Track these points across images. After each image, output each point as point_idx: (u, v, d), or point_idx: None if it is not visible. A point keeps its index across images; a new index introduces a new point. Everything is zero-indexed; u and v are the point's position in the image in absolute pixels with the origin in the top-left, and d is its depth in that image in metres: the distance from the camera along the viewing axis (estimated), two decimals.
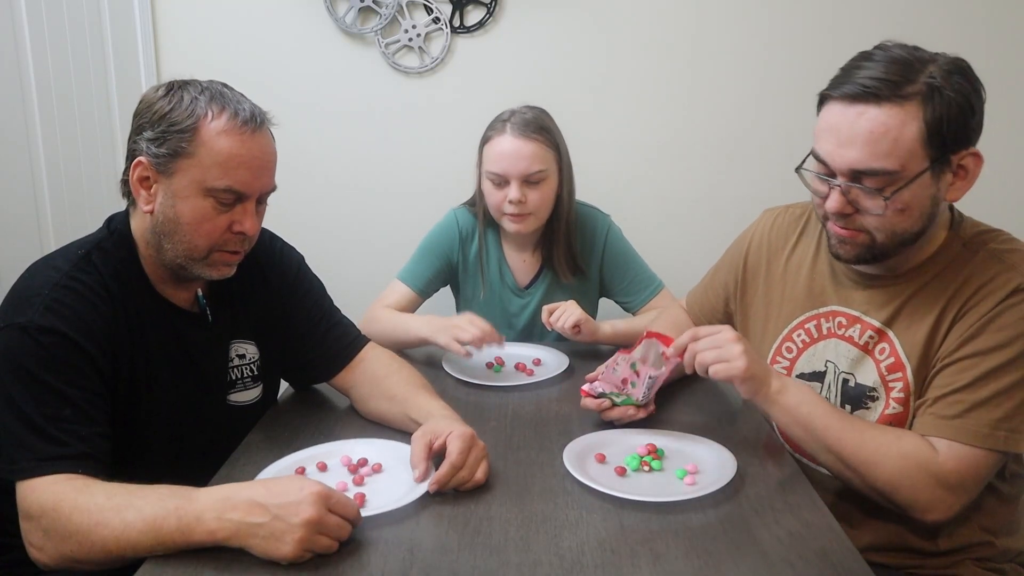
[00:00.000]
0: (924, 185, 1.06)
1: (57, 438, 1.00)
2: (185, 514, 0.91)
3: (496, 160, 1.66)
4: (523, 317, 1.83)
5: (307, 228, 1.94)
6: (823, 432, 1.10)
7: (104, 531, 0.92)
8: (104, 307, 1.10)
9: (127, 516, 0.92)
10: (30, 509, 0.97)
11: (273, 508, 0.90)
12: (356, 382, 1.36)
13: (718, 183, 2.35)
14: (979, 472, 1.06)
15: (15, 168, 2.10)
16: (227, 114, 1.10)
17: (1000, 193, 2.27)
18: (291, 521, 0.89)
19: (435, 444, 1.10)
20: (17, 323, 1.04)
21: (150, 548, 0.92)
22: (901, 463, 1.06)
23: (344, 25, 2.25)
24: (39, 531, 0.96)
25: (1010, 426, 1.04)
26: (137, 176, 1.13)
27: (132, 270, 1.16)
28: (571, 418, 1.35)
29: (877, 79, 1.02)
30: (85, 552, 0.94)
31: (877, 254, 1.12)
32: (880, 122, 1.02)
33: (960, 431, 1.05)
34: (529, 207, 1.67)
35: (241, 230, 1.15)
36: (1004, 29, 2.24)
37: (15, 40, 2.02)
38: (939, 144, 1.03)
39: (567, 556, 0.93)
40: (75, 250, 1.14)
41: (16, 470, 0.99)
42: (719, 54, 2.28)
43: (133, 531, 0.92)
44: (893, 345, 1.16)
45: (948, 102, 1.02)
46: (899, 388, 1.15)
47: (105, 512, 0.93)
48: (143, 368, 1.15)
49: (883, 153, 1.03)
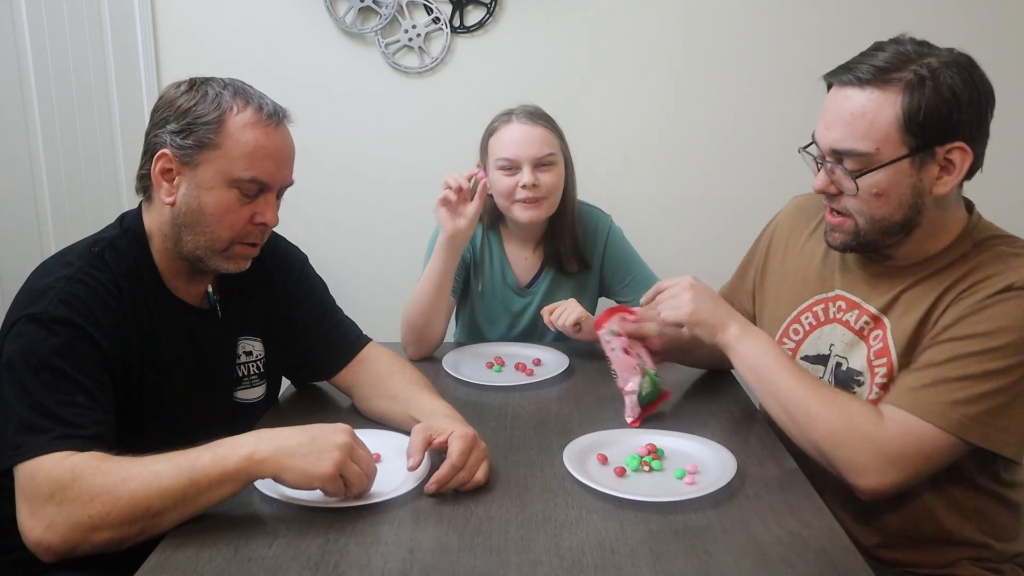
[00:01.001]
0: (902, 172, 1.07)
1: (70, 420, 1.00)
2: (219, 447, 0.96)
3: (507, 146, 1.66)
4: (525, 316, 1.83)
5: (308, 227, 1.94)
6: (775, 382, 1.14)
7: (133, 483, 0.93)
8: (115, 304, 1.11)
9: (157, 467, 0.94)
10: (40, 487, 0.94)
11: (309, 432, 0.99)
12: (358, 381, 1.37)
13: (718, 182, 2.35)
14: (923, 448, 1.03)
15: (15, 168, 2.10)
16: (252, 108, 1.13)
17: (1001, 193, 2.27)
18: (328, 441, 0.97)
19: (435, 440, 1.10)
20: (31, 314, 1.04)
21: (183, 491, 0.93)
22: (843, 422, 1.07)
23: (344, 25, 2.25)
24: (51, 505, 0.93)
25: (967, 412, 1.02)
26: (160, 168, 1.13)
27: (144, 267, 1.17)
28: (571, 418, 1.35)
29: (870, 66, 1.05)
30: (107, 511, 0.92)
31: (863, 242, 1.14)
32: (859, 104, 1.06)
33: (915, 403, 1.04)
34: (542, 190, 1.67)
35: (263, 221, 1.17)
36: (1004, 29, 2.24)
37: (15, 40, 2.02)
38: (918, 133, 1.04)
39: (567, 556, 0.92)
40: (88, 247, 1.15)
41: (23, 452, 0.97)
42: (718, 53, 2.28)
43: (165, 477, 0.93)
44: (885, 331, 1.16)
45: (933, 92, 1.02)
46: (883, 374, 1.15)
47: (133, 468, 0.94)
48: (153, 364, 1.16)
49: (859, 135, 1.06)
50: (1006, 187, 2.25)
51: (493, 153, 1.69)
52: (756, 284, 1.44)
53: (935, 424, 1.03)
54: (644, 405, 1.33)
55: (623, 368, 1.33)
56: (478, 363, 1.63)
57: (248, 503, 1.04)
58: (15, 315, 1.06)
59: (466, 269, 1.82)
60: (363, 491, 1.02)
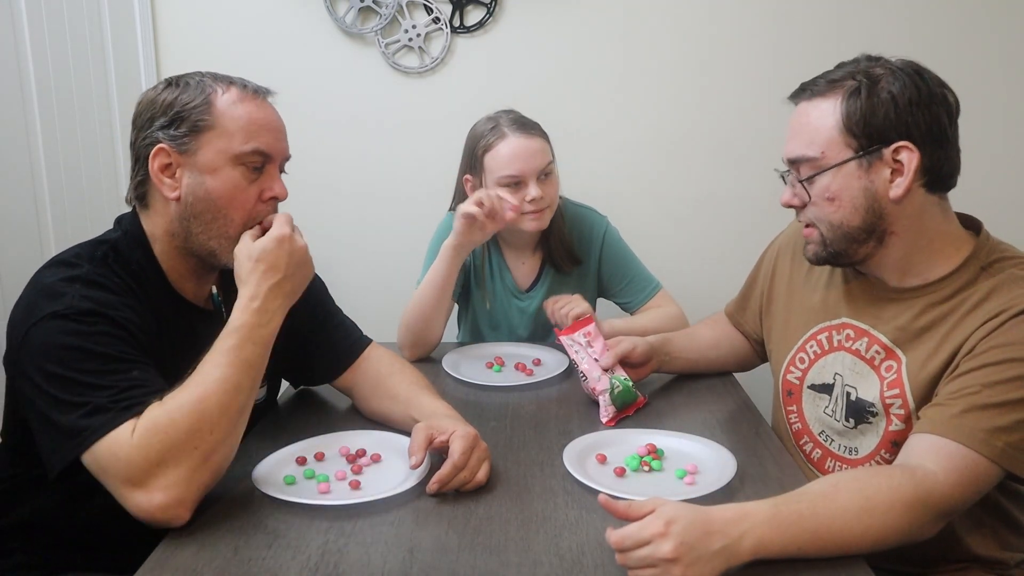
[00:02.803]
0: (850, 175, 1.10)
1: (131, 394, 0.96)
2: (233, 321, 1.05)
3: (509, 163, 1.64)
4: (526, 319, 1.83)
5: (306, 228, 1.93)
6: (816, 541, 0.91)
7: (212, 399, 0.97)
8: (131, 302, 1.09)
9: (213, 374, 0.99)
10: (132, 457, 0.91)
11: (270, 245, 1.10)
12: (358, 381, 1.36)
13: (718, 184, 2.35)
14: (979, 487, 0.99)
15: (15, 168, 2.10)
16: (236, 87, 1.14)
17: (1000, 193, 2.27)
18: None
19: (436, 439, 1.10)
20: (54, 312, 0.99)
21: (248, 371, 1.02)
22: (902, 511, 0.94)
23: (344, 25, 2.25)
24: (155, 468, 0.92)
25: (1010, 440, 0.98)
26: (159, 165, 1.11)
27: (149, 269, 1.15)
28: (571, 418, 1.35)
29: (822, 81, 1.11)
30: (212, 429, 0.96)
31: (833, 251, 1.15)
32: (804, 112, 1.13)
33: (957, 430, 0.99)
34: (547, 200, 1.66)
35: (272, 195, 1.16)
36: (1006, 30, 2.24)
37: (15, 40, 2.02)
38: (859, 134, 1.07)
39: (567, 556, 0.93)
40: (91, 252, 1.12)
41: (89, 434, 0.93)
42: (718, 53, 2.28)
43: (228, 381, 0.99)
44: (900, 365, 1.14)
45: (872, 95, 1.06)
46: (898, 405, 1.13)
47: (193, 391, 0.97)
48: (163, 364, 1.13)
49: (806, 141, 1.12)
50: (1007, 187, 2.26)
51: (494, 171, 1.66)
52: (763, 308, 1.43)
53: (978, 451, 0.98)
54: (619, 407, 1.34)
55: (591, 370, 1.35)
56: (478, 363, 1.63)
57: (248, 503, 1.04)
58: (29, 320, 1.00)
59: (466, 274, 1.82)
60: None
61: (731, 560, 0.87)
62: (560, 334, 1.43)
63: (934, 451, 0.99)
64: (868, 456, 1.19)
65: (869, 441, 1.18)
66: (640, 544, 0.85)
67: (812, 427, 1.28)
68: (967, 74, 2.21)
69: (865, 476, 0.98)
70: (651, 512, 0.88)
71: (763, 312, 1.43)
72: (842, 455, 1.23)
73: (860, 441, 1.19)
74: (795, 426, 1.31)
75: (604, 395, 1.33)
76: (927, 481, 0.96)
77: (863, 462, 1.19)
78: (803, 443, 1.30)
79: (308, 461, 1.17)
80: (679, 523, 0.86)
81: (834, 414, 1.23)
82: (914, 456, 1.00)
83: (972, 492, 0.99)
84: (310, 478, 1.11)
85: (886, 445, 1.16)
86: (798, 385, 1.29)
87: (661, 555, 0.84)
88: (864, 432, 1.18)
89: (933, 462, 0.98)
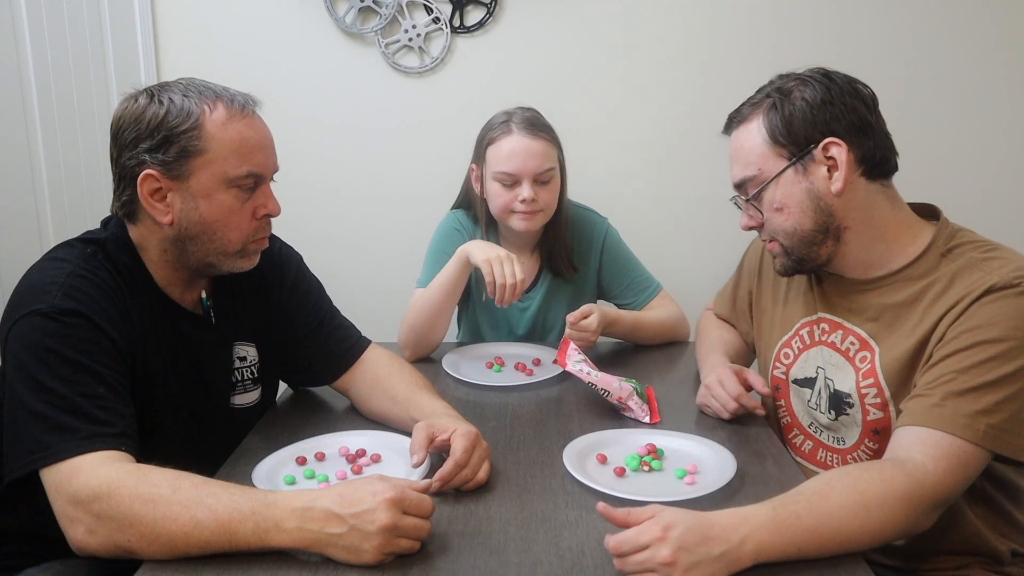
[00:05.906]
0: (790, 182, 1.15)
1: (97, 416, 0.97)
2: (263, 519, 0.90)
3: (507, 160, 1.65)
4: (524, 320, 1.83)
5: (306, 228, 1.94)
6: (816, 540, 0.92)
7: (172, 526, 0.90)
8: (117, 298, 1.09)
9: (198, 514, 0.90)
10: (78, 492, 0.92)
11: (349, 519, 0.90)
12: (357, 382, 1.36)
13: (718, 184, 2.34)
14: (967, 472, 1.00)
15: (15, 168, 2.10)
16: (223, 103, 1.10)
17: (1000, 193, 2.27)
18: (367, 530, 0.89)
19: (437, 437, 1.10)
20: (36, 310, 1.01)
21: (220, 547, 0.91)
22: (896, 504, 0.95)
23: (344, 25, 2.25)
24: (89, 515, 0.92)
25: (991, 421, 0.99)
26: (147, 190, 1.09)
27: (137, 272, 1.15)
28: (571, 418, 1.35)
29: (743, 108, 1.20)
30: (146, 544, 0.91)
31: (797, 259, 1.19)
32: (736, 139, 1.21)
33: (939, 419, 1.00)
34: (540, 204, 1.66)
35: (267, 212, 1.16)
36: (1006, 31, 2.24)
37: (15, 40, 2.02)
38: (786, 142, 1.14)
39: (567, 556, 0.93)
40: (80, 247, 1.12)
41: (52, 453, 0.94)
42: (719, 53, 2.28)
43: (205, 531, 0.90)
44: (873, 356, 1.17)
45: (787, 105, 1.13)
46: (873, 395, 1.16)
47: (172, 506, 0.91)
48: (151, 365, 1.14)
49: (743, 164, 1.19)
50: (1007, 187, 2.26)
51: (492, 164, 1.67)
52: (753, 304, 1.47)
53: (962, 437, 0.99)
54: (646, 402, 1.35)
55: (607, 383, 1.34)
56: (478, 363, 1.63)
57: None
58: (15, 315, 1.03)
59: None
60: (422, 539, 0.95)
61: (732, 566, 0.87)
62: (560, 364, 1.41)
63: (920, 442, 1.00)
64: (854, 446, 1.22)
65: (852, 432, 1.21)
66: (638, 549, 0.86)
67: (801, 420, 1.31)
68: (967, 74, 2.22)
69: (856, 471, 0.99)
70: (650, 518, 0.88)
71: (753, 309, 1.47)
72: (832, 445, 1.25)
73: (844, 432, 1.23)
74: (784, 420, 1.35)
75: (633, 398, 1.33)
76: (917, 472, 0.97)
77: (852, 451, 1.22)
78: (793, 436, 1.33)
79: (308, 461, 1.17)
80: (677, 528, 0.86)
81: (818, 407, 1.26)
82: (901, 449, 1.02)
83: (962, 478, 1.00)
84: (310, 478, 1.12)
85: (868, 434, 1.19)
86: (784, 380, 1.33)
87: (659, 559, 0.84)
88: (845, 423, 1.22)
89: (921, 453, 0.99)
